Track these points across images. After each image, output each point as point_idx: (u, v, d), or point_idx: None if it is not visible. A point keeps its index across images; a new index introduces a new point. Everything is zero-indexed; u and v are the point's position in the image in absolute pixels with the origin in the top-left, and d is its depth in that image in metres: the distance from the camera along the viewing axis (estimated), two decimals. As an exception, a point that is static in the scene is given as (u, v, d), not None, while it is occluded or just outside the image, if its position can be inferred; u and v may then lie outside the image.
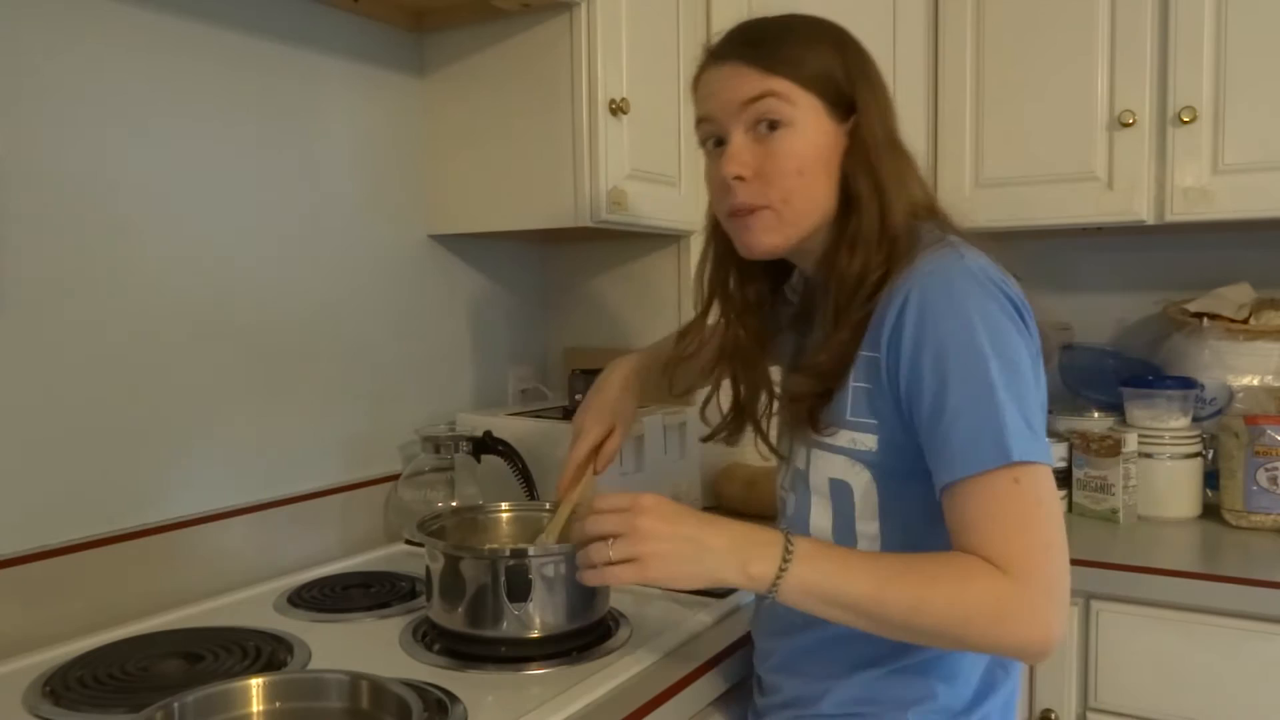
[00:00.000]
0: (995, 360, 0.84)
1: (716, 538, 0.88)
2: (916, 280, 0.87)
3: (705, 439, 1.15)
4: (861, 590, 0.84)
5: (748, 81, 0.94)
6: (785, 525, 1.04)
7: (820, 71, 0.94)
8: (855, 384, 0.92)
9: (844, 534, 0.96)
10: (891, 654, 0.94)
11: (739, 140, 0.95)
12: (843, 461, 0.95)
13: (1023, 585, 0.82)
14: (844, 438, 0.94)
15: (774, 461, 1.09)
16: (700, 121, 1.00)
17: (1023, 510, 0.83)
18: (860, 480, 0.94)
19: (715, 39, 1.00)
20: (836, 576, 0.85)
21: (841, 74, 0.94)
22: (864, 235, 0.93)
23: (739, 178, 0.95)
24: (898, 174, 0.95)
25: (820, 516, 0.98)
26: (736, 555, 0.86)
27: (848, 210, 0.95)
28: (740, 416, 1.10)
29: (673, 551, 0.87)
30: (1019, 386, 0.84)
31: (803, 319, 1.06)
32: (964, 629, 0.83)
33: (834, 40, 0.96)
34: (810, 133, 0.93)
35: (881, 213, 0.93)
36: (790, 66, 0.94)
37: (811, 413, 0.96)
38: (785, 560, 0.85)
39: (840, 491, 0.96)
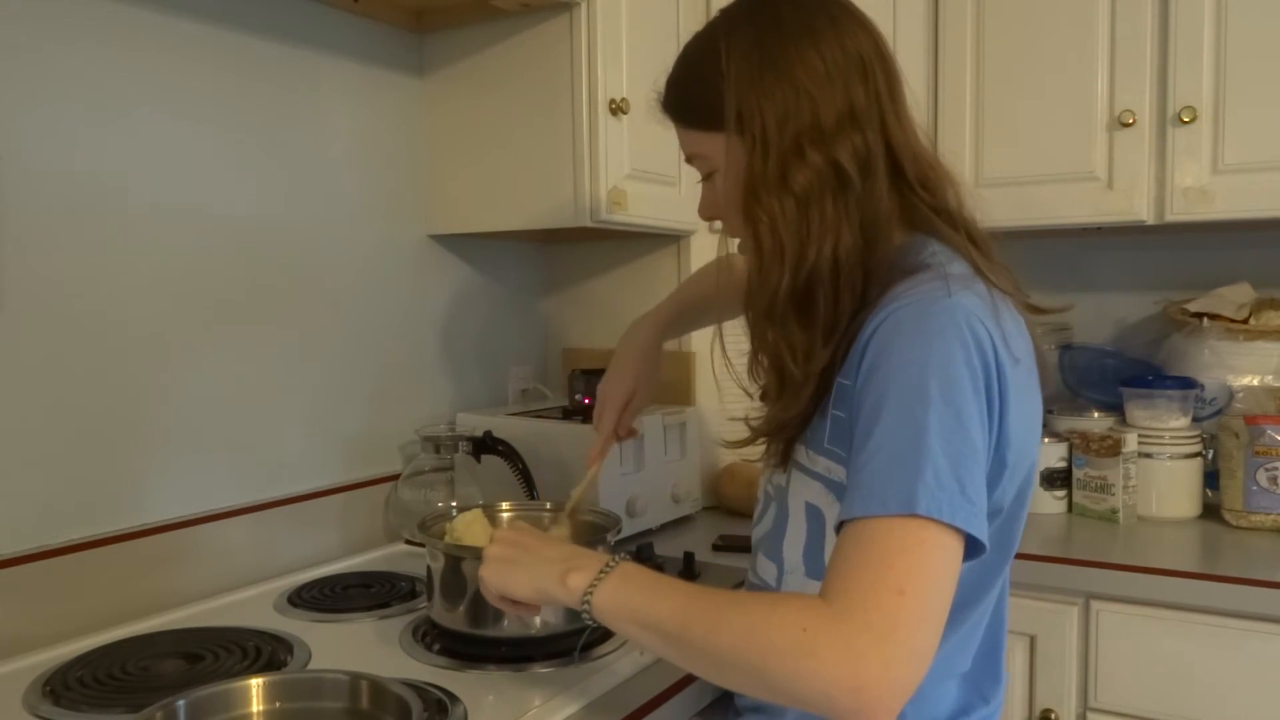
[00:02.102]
0: (939, 407, 0.75)
1: (549, 550, 0.90)
2: (894, 308, 0.81)
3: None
4: (666, 609, 0.78)
5: (682, 140, 0.97)
6: (760, 531, 1.02)
7: (712, 108, 0.89)
8: (834, 412, 0.87)
9: (814, 559, 0.93)
10: None
11: (703, 188, 0.99)
12: (819, 488, 0.91)
13: (844, 620, 0.70)
14: (821, 464, 0.90)
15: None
16: None
17: (890, 553, 0.72)
18: (834, 511, 0.89)
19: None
20: (645, 593, 0.80)
21: (734, 94, 0.87)
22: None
23: (711, 218, 0.99)
24: (805, 182, 0.85)
25: (794, 537, 0.95)
26: (560, 565, 0.86)
27: None
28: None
29: (503, 555, 0.91)
30: (958, 443, 0.75)
31: None
32: (763, 660, 0.71)
33: (711, 59, 0.90)
34: (732, 169, 0.90)
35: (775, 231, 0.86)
36: (695, 115, 0.93)
37: (786, 441, 0.94)
38: (601, 574, 0.82)
39: (814, 516, 0.93)
